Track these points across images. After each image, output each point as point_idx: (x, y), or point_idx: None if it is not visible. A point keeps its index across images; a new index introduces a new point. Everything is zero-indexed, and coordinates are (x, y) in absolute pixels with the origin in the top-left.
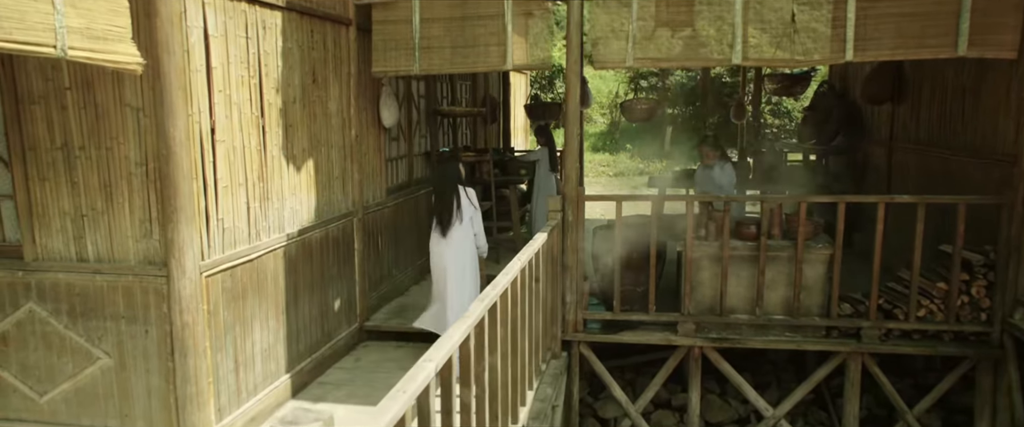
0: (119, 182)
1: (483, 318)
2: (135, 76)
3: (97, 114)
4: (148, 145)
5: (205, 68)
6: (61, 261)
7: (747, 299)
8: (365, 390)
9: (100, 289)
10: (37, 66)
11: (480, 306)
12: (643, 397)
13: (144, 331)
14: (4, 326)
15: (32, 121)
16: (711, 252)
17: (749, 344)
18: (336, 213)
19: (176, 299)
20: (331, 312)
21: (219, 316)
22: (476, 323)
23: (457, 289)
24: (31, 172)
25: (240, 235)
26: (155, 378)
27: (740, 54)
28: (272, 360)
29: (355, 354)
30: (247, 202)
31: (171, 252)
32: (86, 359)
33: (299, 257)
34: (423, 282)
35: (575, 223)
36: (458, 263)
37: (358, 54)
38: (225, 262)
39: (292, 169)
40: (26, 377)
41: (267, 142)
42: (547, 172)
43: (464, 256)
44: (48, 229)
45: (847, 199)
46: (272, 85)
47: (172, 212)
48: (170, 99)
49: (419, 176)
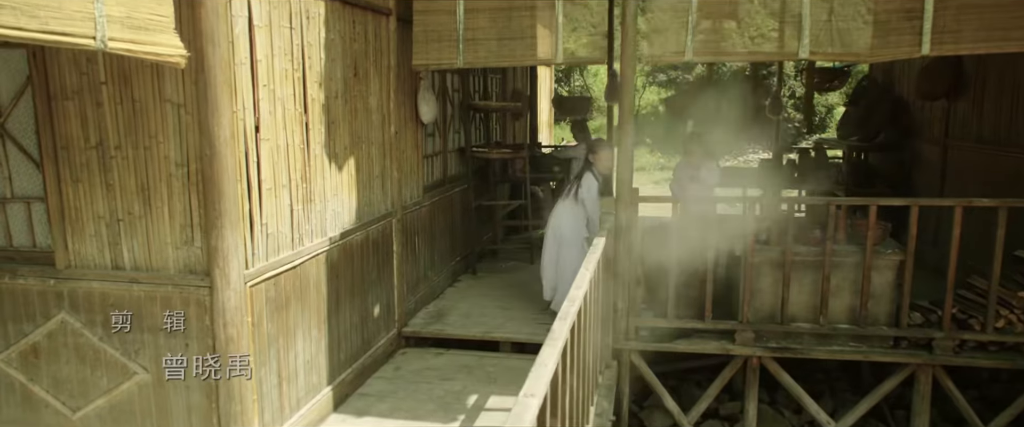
0: (158, 184)
1: (566, 340)
2: (176, 70)
3: (135, 110)
4: (190, 144)
5: (249, 61)
6: (95, 269)
7: (808, 307)
8: (409, 403)
9: (137, 299)
10: (71, 59)
11: (563, 327)
12: (696, 408)
13: (184, 344)
14: (35, 337)
15: (65, 118)
16: (771, 257)
17: (812, 354)
18: (376, 214)
19: (220, 311)
20: (371, 319)
21: (263, 328)
22: (562, 349)
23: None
24: (63, 173)
25: (283, 240)
26: (196, 395)
27: (807, 48)
28: (314, 372)
29: (394, 362)
30: (290, 205)
31: (214, 260)
32: (122, 374)
33: (341, 262)
34: (458, 284)
35: (628, 225)
36: (555, 233)
37: (397, 46)
38: (269, 270)
39: (334, 168)
40: (58, 391)
41: (310, 140)
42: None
43: (562, 229)
44: (81, 234)
45: (922, 202)
46: (315, 79)
47: (216, 217)
48: (214, 94)
49: (453, 173)
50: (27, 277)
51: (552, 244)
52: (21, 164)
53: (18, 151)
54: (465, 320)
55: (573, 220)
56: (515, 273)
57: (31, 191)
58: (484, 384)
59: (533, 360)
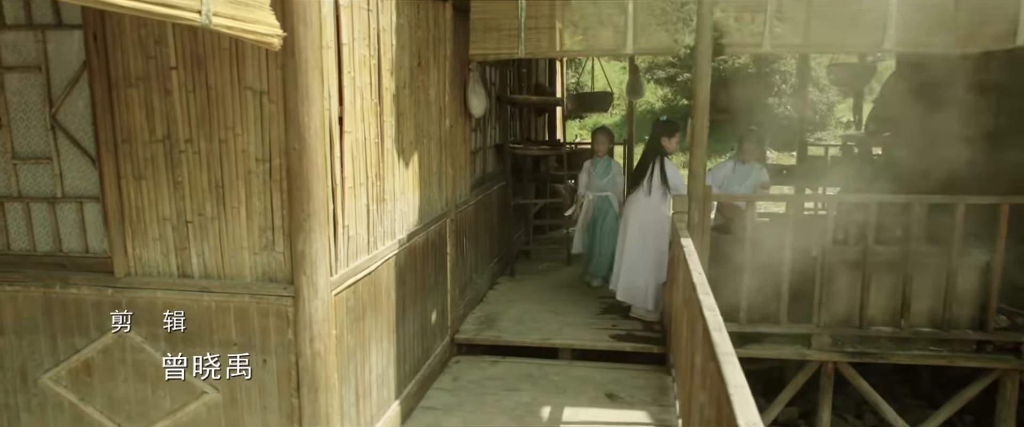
0: (234, 182)
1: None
2: (258, 54)
3: (209, 99)
4: (272, 137)
5: (335, 44)
6: (159, 276)
7: (886, 309)
8: (480, 417)
9: (207, 310)
10: (136, 41)
11: (725, 338)
12: (768, 414)
13: (261, 361)
14: (88, 352)
15: (127, 108)
16: (849, 257)
17: (891, 359)
18: (434, 214)
19: (306, 324)
20: (429, 326)
21: (343, 341)
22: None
23: (633, 251)
24: (124, 169)
25: (361, 244)
26: (274, 417)
27: (892, 39)
28: (384, 386)
29: (451, 372)
30: (367, 204)
31: (301, 267)
32: (188, 393)
33: (407, 266)
34: (498, 287)
35: (701, 225)
36: (638, 227)
37: (453, 35)
38: (350, 277)
39: (401, 165)
40: (114, 413)
41: (383, 134)
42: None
43: (647, 224)
44: (143, 238)
45: (1013, 200)
46: (387, 67)
47: (304, 219)
48: (306, 80)
49: (491, 171)
50: (80, 286)
51: (636, 237)
52: (74, 159)
53: (71, 144)
54: (518, 326)
55: (656, 209)
56: (553, 274)
57: (85, 189)
58: (552, 394)
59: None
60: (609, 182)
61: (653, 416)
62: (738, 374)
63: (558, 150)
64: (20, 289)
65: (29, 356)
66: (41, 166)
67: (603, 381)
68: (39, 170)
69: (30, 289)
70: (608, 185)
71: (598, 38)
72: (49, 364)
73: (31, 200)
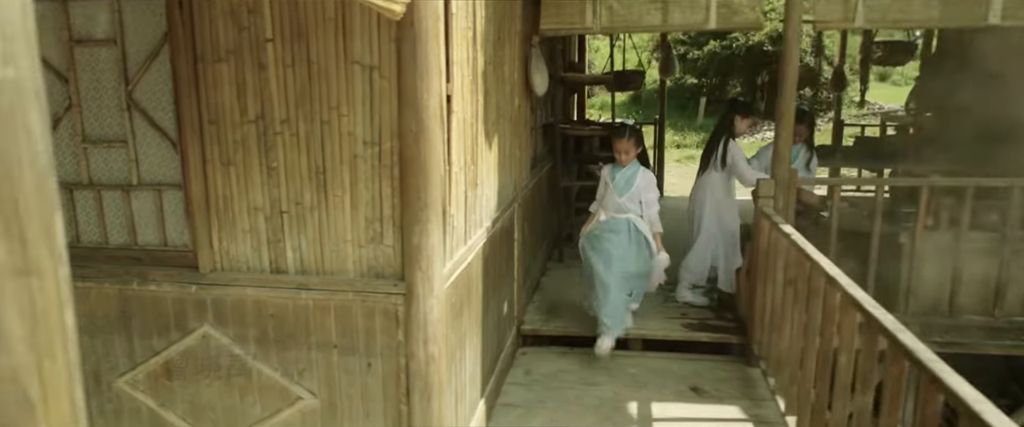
0: (338, 167)
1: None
2: (370, 24)
3: (310, 75)
4: (384, 117)
5: (444, 15)
6: (249, 272)
7: (977, 297)
8: (564, 415)
9: (304, 309)
10: (228, 10)
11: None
12: None
13: (365, 365)
14: (168, 354)
15: (215, 85)
16: (939, 243)
17: (982, 349)
18: (508, 198)
19: (420, 324)
20: (502, 318)
21: (449, 340)
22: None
23: (706, 229)
24: (210, 153)
25: (460, 234)
26: (378, 425)
27: (999, 13)
28: (473, 384)
29: (521, 365)
30: (465, 191)
31: (417, 262)
32: (281, 399)
33: (490, 256)
34: (549, 273)
35: (786, 211)
36: (709, 206)
37: (522, 11)
38: (453, 271)
39: (486, 147)
40: (198, 419)
41: (478, 113)
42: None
43: (714, 201)
44: (231, 230)
45: None
46: (480, 41)
47: (420, 209)
48: (425, 54)
49: (540, 152)
50: (160, 282)
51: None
52: (152, 142)
53: (148, 126)
54: (582, 315)
55: (729, 190)
56: None
57: (164, 176)
58: (634, 389)
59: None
60: (629, 200)
61: (746, 411)
62: (965, 385)
63: (605, 131)
64: (92, 286)
65: (103, 358)
66: (115, 150)
67: (684, 373)
68: (112, 155)
69: (104, 286)
70: (628, 205)
71: (676, 12)
72: (125, 367)
73: (103, 188)
